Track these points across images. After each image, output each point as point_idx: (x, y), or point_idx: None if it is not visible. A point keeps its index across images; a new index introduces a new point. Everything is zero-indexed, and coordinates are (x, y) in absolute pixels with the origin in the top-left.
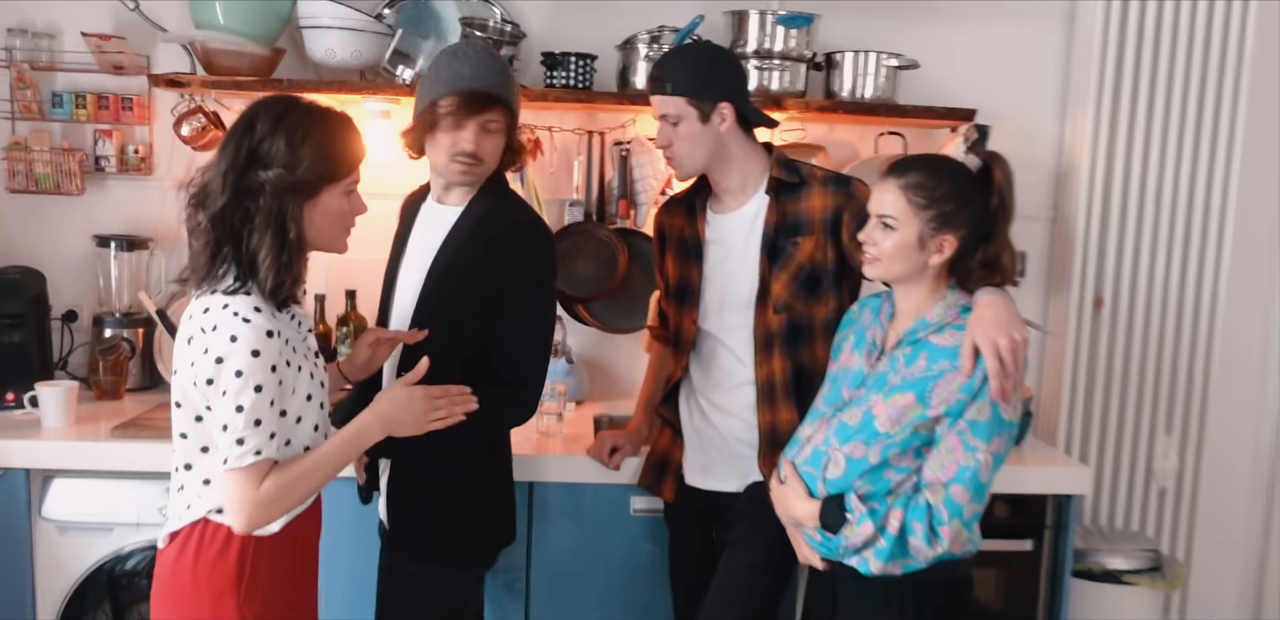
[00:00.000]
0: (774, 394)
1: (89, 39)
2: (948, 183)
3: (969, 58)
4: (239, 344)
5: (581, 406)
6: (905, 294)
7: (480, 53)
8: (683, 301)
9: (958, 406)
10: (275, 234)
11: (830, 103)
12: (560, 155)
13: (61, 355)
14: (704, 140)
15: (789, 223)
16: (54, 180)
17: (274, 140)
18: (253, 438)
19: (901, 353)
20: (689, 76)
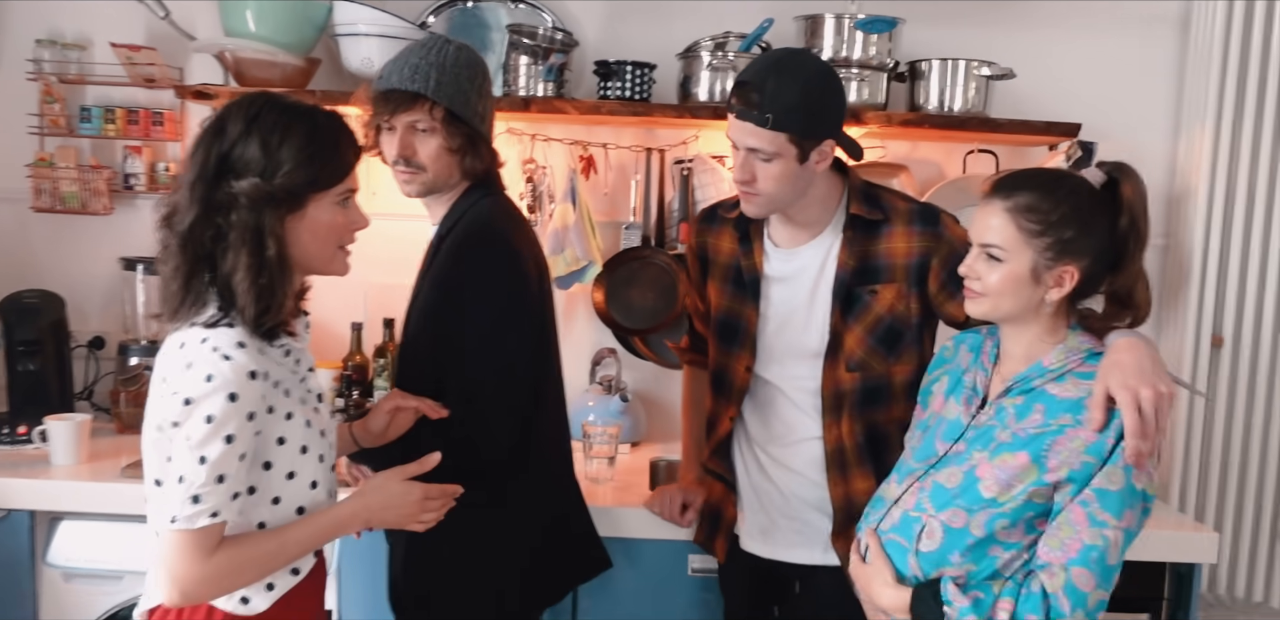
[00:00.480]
0: (845, 461)
1: (118, 50)
2: (1066, 203)
3: (1069, 67)
4: (214, 384)
5: (637, 449)
6: (1015, 334)
7: (414, 47)
8: (731, 343)
9: (1083, 471)
10: (251, 252)
11: (915, 116)
12: (616, 174)
13: (86, 385)
14: (797, 181)
15: (867, 267)
16: (80, 199)
17: (246, 144)
18: (211, 496)
19: (1011, 403)
20: (798, 109)
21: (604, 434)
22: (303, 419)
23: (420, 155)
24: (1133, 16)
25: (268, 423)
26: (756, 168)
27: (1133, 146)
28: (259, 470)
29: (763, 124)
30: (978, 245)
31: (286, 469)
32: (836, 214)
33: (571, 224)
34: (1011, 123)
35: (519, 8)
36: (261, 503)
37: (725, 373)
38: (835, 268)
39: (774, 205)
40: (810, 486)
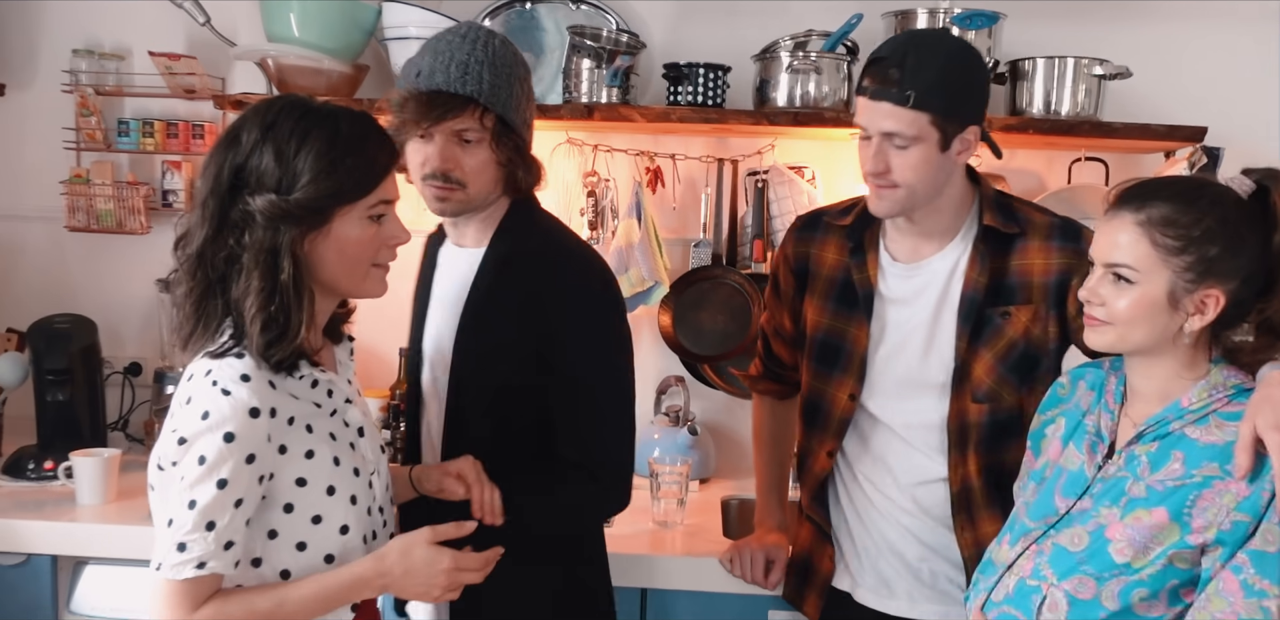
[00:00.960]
0: (972, 503)
1: (157, 59)
2: (1210, 215)
3: (1186, 66)
4: (210, 422)
5: (706, 486)
6: (1145, 369)
7: (452, 38)
8: (832, 366)
9: (1235, 531)
10: (263, 275)
11: (1018, 121)
12: (685, 187)
13: (121, 414)
14: (938, 173)
15: (999, 286)
16: (117, 217)
17: (262, 154)
18: (198, 545)
19: (1145, 450)
20: (941, 87)
21: (674, 473)
22: (329, 457)
23: (464, 169)
24: (1260, 9)
25: (281, 463)
26: (891, 156)
27: (1261, 154)
28: (279, 513)
29: (903, 102)
30: (1102, 265)
31: (311, 512)
32: (967, 223)
33: (637, 241)
34: (1128, 127)
35: (580, 9)
36: (284, 548)
37: (822, 401)
38: (963, 284)
39: (911, 201)
40: (935, 531)
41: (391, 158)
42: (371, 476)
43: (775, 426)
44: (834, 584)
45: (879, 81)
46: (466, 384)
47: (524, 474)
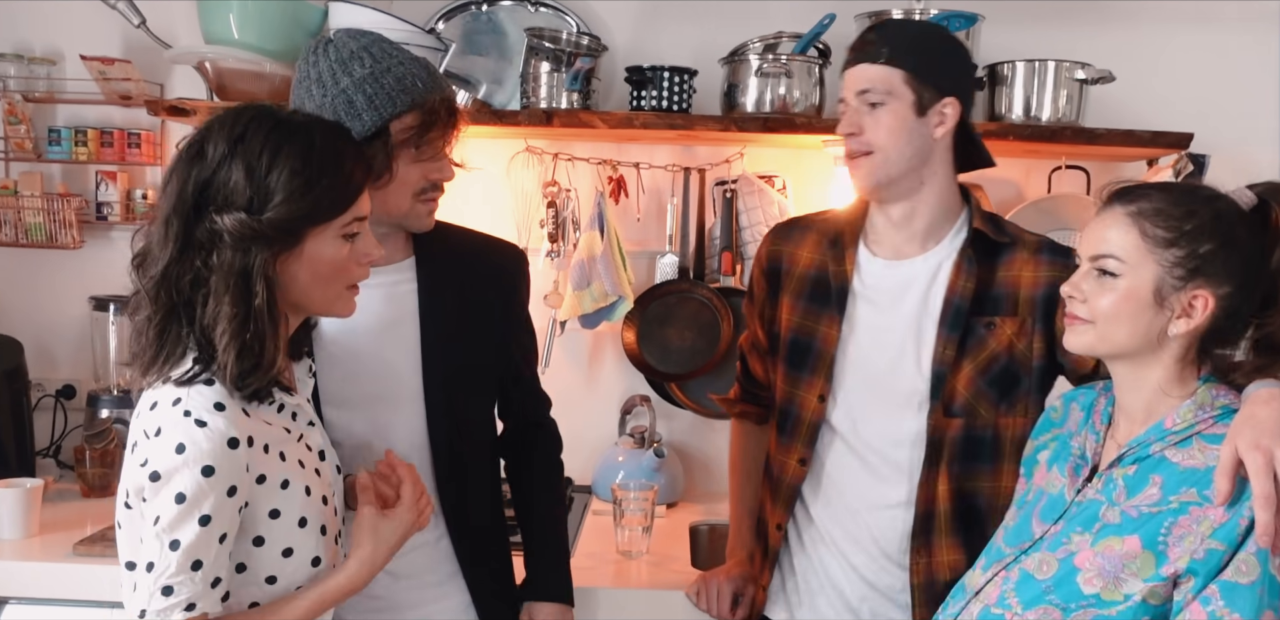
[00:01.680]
0: (932, 527)
1: (90, 63)
2: (1205, 211)
3: (1169, 72)
4: (186, 457)
5: (674, 511)
6: (1132, 382)
7: (403, 51)
8: (802, 367)
9: (1208, 561)
10: (235, 300)
11: (998, 126)
12: (650, 198)
13: (53, 440)
14: (911, 138)
15: (985, 296)
16: (47, 231)
17: (230, 169)
18: (186, 587)
19: (1122, 473)
20: (916, 49)
21: (639, 499)
22: (301, 486)
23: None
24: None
25: (257, 494)
26: (864, 116)
27: (1245, 161)
28: (248, 546)
29: (877, 59)
30: (1088, 259)
31: (282, 545)
32: (955, 228)
33: (599, 254)
34: (1112, 133)
35: (539, 11)
36: (253, 581)
37: (793, 406)
38: (946, 289)
39: (888, 170)
40: (883, 569)
41: (366, 173)
42: (334, 499)
43: (752, 451)
44: (768, 614)
45: (858, 50)
46: (444, 404)
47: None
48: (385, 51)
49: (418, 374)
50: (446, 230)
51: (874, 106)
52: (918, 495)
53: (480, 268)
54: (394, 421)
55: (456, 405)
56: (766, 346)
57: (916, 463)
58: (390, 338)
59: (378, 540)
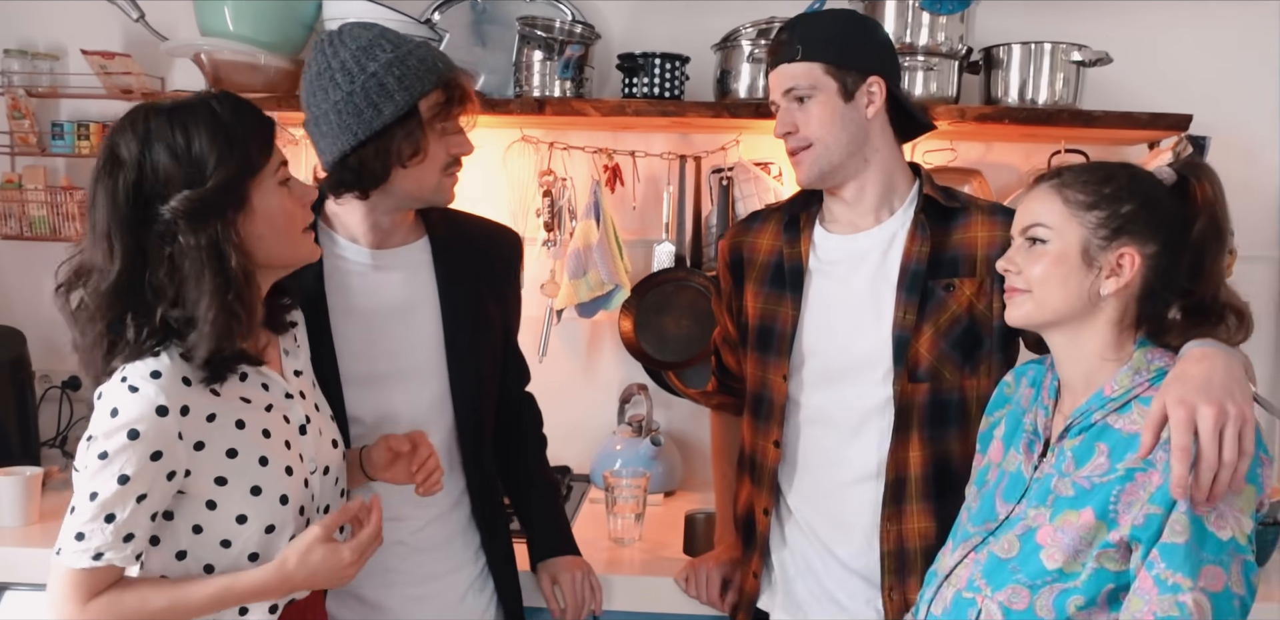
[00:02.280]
0: (904, 494)
1: (90, 57)
2: (1122, 175)
3: (1167, 53)
4: (117, 421)
5: (671, 499)
6: (1071, 351)
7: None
8: (767, 350)
9: (1148, 526)
10: (215, 272)
11: (994, 110)
12: (645, 186)
13: (59, 430)
14: (846, 124)
15: (940, 259)
16: (51, 224)
17: (152, 161)
18: (96, 536)
19: (1072, 445)
20: (829, 39)
21: (631, 486)
22: (255, 456)
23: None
24: None
25: (199, 461)
26: (795, 114)
27: (1240, 146)
28: (202, 510)
29: (793, 57)
30: (1018, 234)
31: (234, 511)
32: (907, 201)
33: (595, 243)
34: (1109, 115)
35: (533, 1)
36: (208, 543)
37: (763, 389)
38: (902, 257)
39: (830, 159)
40: (861, 551)
41: (269, 121)
42: (311, 475)
43: (731, 441)
44: (758, 603)
45: (774, 51)
46: (466, 380)
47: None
48: (400, 38)
49: (440, 351)
50: (450, 213)
51: (801, 101)
52: (888, 464)
53: (487, 249)
54: (418, 397)
55: (478, 380)
56: (736, 338)
57: (885, 432)
58: (411, 316)
59: (302, 563)
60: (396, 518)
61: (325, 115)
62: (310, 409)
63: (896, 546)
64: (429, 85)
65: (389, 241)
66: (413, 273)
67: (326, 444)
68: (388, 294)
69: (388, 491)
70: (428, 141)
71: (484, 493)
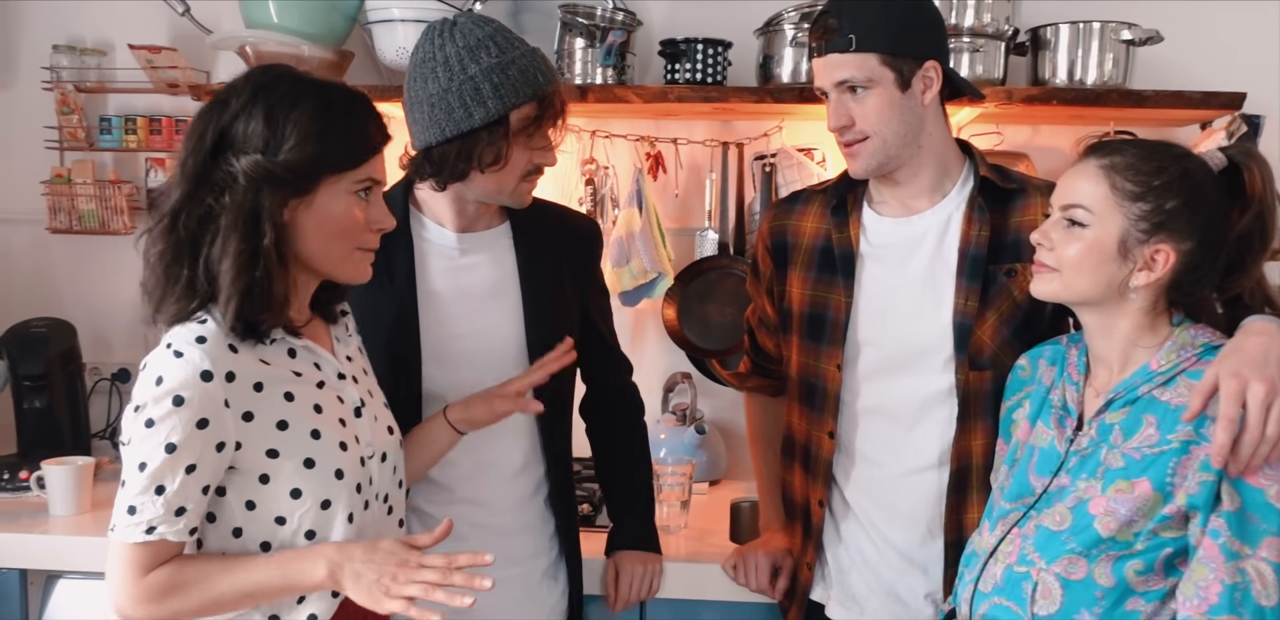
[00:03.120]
0: (967, 484)
1: (137, 52)
2: (1174, 168)
3: (1217, 33)
4: (163, 388)
5: (716, 488)
6: (1102, 330)
7: (523, 42)
8: (819, 339)
9: (1203, 493)
10: (244, 238)
11: (1041, 91)
12: (688, 173)
13: (109, 422)
14: (905, 116)
15: (1000, 243)
16: (100, 218)
17: (250, 116)
18: (148, 509)
19: (1115, 418)
20: (883, 24)
21: (676, 474)
22: (306, 429)
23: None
24: None
25: (249, 432)
26: (851, 106)
27: None
28: (255, 484)
29: (846, 47)
30: (1059, 209)
31: (288, 486)
32: (960, 181)
33: (638, 231)
34: (1160, 94)
35: None
36: (263, 520)
37: (817, 379)
38: (960, 239)
39: (886, 151)
40: (922, 541)
41: (384, 137)
42: (370, 459)
43: (769, 424)
44: (811, 595)
45: (820, 36)
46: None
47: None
48: (509, 42)
49: (520, 332)
50: (534, 201)
51: (854, 91)
52: (951, 453)
53: (566, 237)
54: (499, 378)
55: (562, 382)
56: (777, 322)
57: (947, 421)
58: (495, 299)
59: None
60: (478, 502)
61: (420, 104)
62: (364, 393)
63: (957, 536)
64: (524, 98)
65: (474, 226)
66: (495, 256)
67: (382, 430)
68: (472, 276)
69: (474, 474)
70: (510, 150)
71: (561, 479)
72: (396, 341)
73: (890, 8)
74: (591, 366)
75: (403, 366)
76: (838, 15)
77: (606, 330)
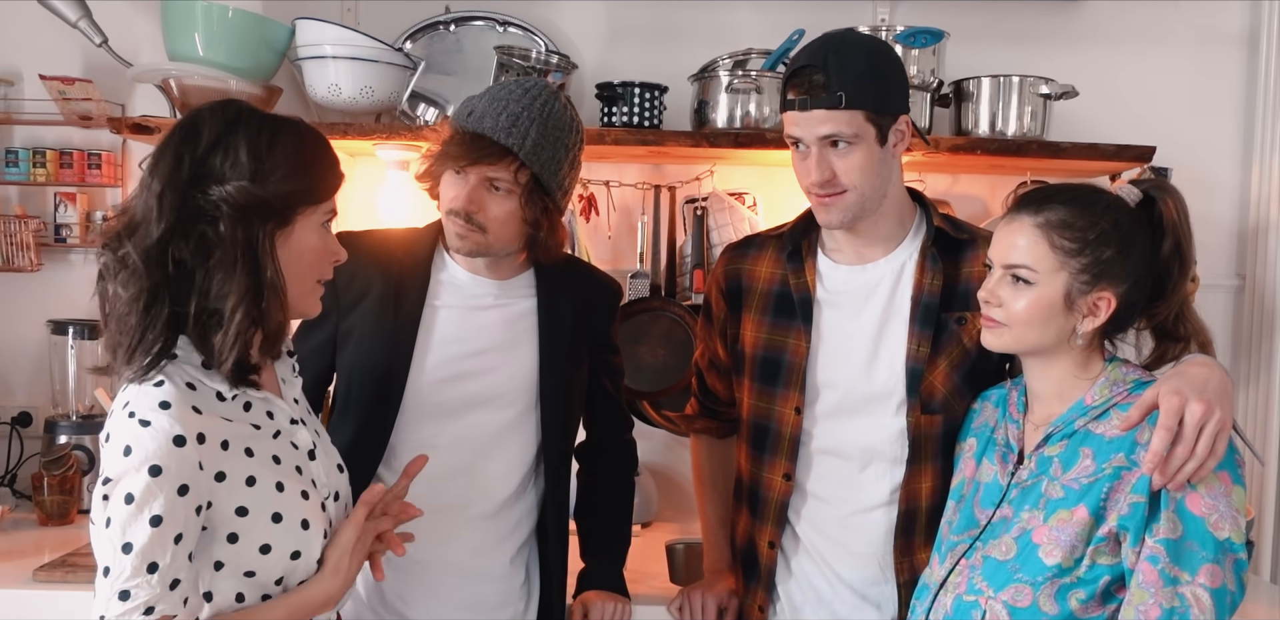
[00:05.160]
0: (914, 526)
1: (49, 83)
2: (1105, 218)
3: (1127, 88)
4: (133, 460)
5: (649, 530)
6: (1043, 371)
7: (515, 89)
8: (774, 382)
9: (1133, 514)
10: (248, 271)
11: (965, 141)
12: (620, 216)
13: (9, 468)
14: (881, 170)
15: (952, 291)
16: (4, 254)
17: (229, 147)
18: (143, 590)
19: (1054, 451)
20: (871, 81)
21: None
22: (271, 483)
23: (487, 215)
24: (1197, 31)
25: (220, 492)
26: (834, 161)
27: (1199, 178)
28: (223, 544)
29: (835, 104)
30: (1000, 267)
31: (257, 542)
32: (912, 230)
33: None
34: (1077, 146)
35: (508, 31)
36: (232, 576)
37: (769, 421)
38: (914, 288)
39: (862, 205)
40: (874, 579)
41: (341, 173)
42: (326, 500)
43: (715, 466)
44: None
45: (806, 90)
46: (556, 415)
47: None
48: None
49: (534, 384)
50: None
51: (835, 145)
52: (900, 494)
53: (589, 292)
54: (513, 427)
55: (566, 415)
56: (728, 364)
57: (897, 462)
58: (508, 348)
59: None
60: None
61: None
62: (313, 434)
63: (910, 576)
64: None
65: (477, 268)
66: (515, 304)
67: (333, 469)
68: (490, 323)
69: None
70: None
71: (558, 527)
72: (380, 381)
73: (874, 64)
74: (594, 420)
75: (380, 408)
76: (824, 70)
77: (613, 387)
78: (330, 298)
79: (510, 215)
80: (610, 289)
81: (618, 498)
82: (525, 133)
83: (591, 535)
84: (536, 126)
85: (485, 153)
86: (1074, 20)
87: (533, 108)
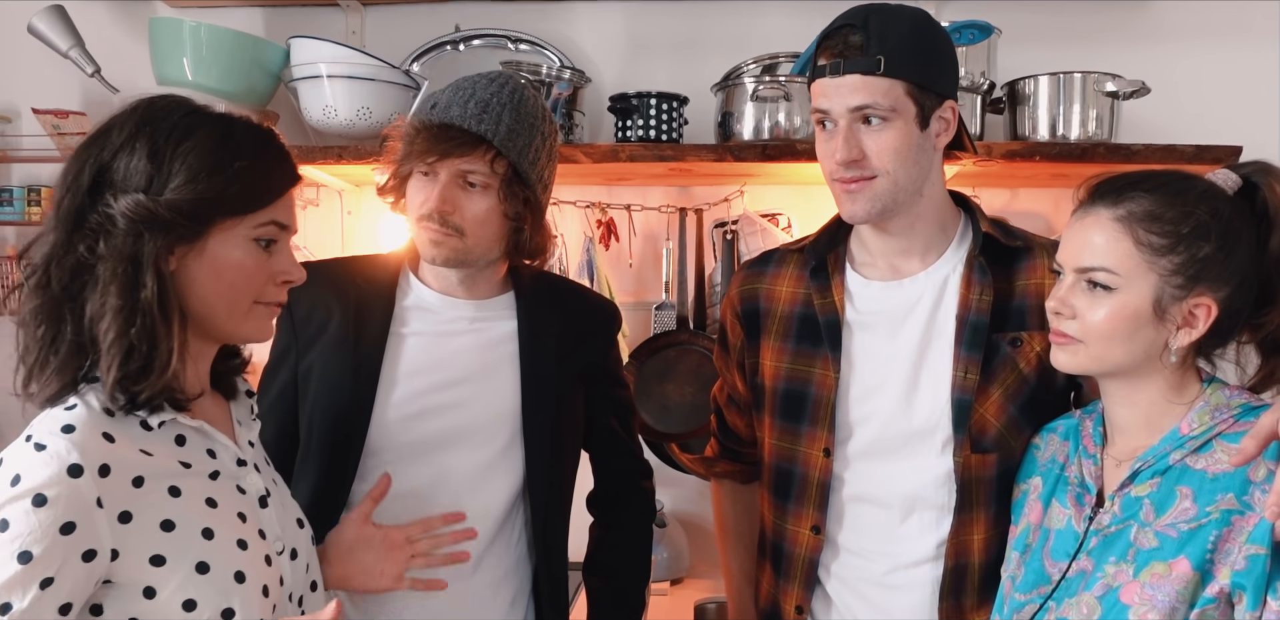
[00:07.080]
0: (964, 586)
1: (43, 117)
2: (1200, 208)
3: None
4: (20, 487)
5: (679, 587)
6: (1127, 397)
7: (479, 79)
8: (799, 419)
9: (1251, 569)
10: (122, 290)
11: (1022, 146)
12: (643, 242)
13: None
14: (919, 159)
15: (1004, 309)
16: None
17: (133, 150)
18: None
19: (1143, 491)
20: (916, 50)
21: None
22: (196, 529)
23: (464, 215)
24: None
25: (128, 537)
26: (865, 138)
27: None
28: (140, 600)
29: (873, 69)
30: (1073, 271)
31: (179, 597)
32: (956, 238)
33: None
34: (1150, 149)
35: (520, 49)
36: None
37: (794, 465)
38: (959, 304)
39: (895, 196)
40: None
41: (291, 178)
42: (278, 555)
43: (739, 514)
44: None
45: (840, 51)
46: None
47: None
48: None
49: (516, 418)
50: (545, 275)
51: (869, 121)
52: (948, 548)
53: (578, 314)
54: (492, 466)
55: (555, 453)
56: (748, 399)
57: (944, 510)
58: (485, 378)
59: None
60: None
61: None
62: (269, 482)
63: None
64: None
65: (452, 289)
66: (492, 327)
67: (291, 523)
68: (459, 347)
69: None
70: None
71: (549, 575)
72: (340, 421)
73: (921, 31)
74: (602, 465)
75: (342, 451)
76: (864, 30)
77: (620, 426)
78: (288, 335)
79: (489, 212)
80: (605, 311)
81: (629, 554)
82: (498, 119)
83: (599, 598)
84: (509, 112)
85: (456, 143)
86: (1137, 17)
87: (502, 94)
